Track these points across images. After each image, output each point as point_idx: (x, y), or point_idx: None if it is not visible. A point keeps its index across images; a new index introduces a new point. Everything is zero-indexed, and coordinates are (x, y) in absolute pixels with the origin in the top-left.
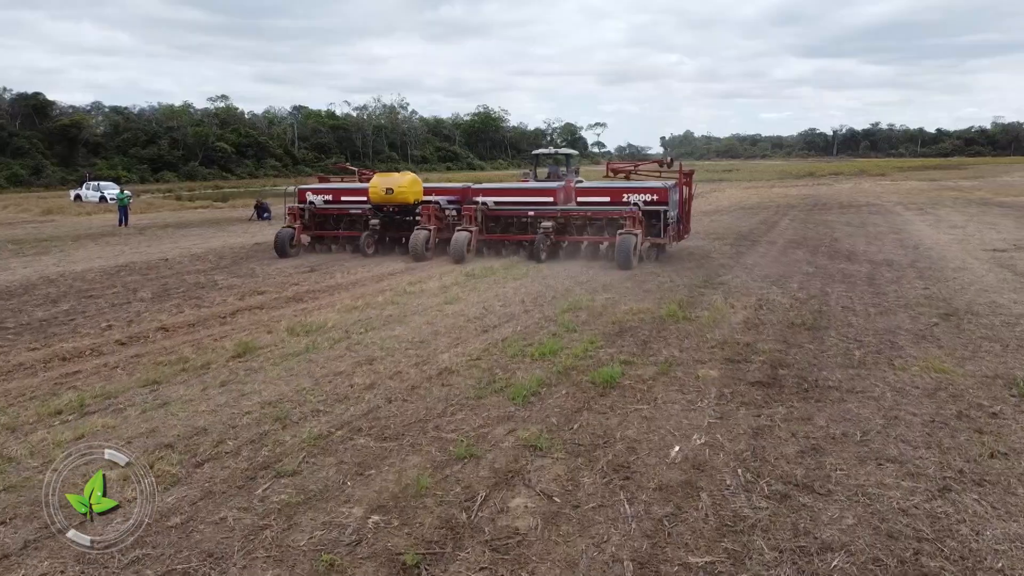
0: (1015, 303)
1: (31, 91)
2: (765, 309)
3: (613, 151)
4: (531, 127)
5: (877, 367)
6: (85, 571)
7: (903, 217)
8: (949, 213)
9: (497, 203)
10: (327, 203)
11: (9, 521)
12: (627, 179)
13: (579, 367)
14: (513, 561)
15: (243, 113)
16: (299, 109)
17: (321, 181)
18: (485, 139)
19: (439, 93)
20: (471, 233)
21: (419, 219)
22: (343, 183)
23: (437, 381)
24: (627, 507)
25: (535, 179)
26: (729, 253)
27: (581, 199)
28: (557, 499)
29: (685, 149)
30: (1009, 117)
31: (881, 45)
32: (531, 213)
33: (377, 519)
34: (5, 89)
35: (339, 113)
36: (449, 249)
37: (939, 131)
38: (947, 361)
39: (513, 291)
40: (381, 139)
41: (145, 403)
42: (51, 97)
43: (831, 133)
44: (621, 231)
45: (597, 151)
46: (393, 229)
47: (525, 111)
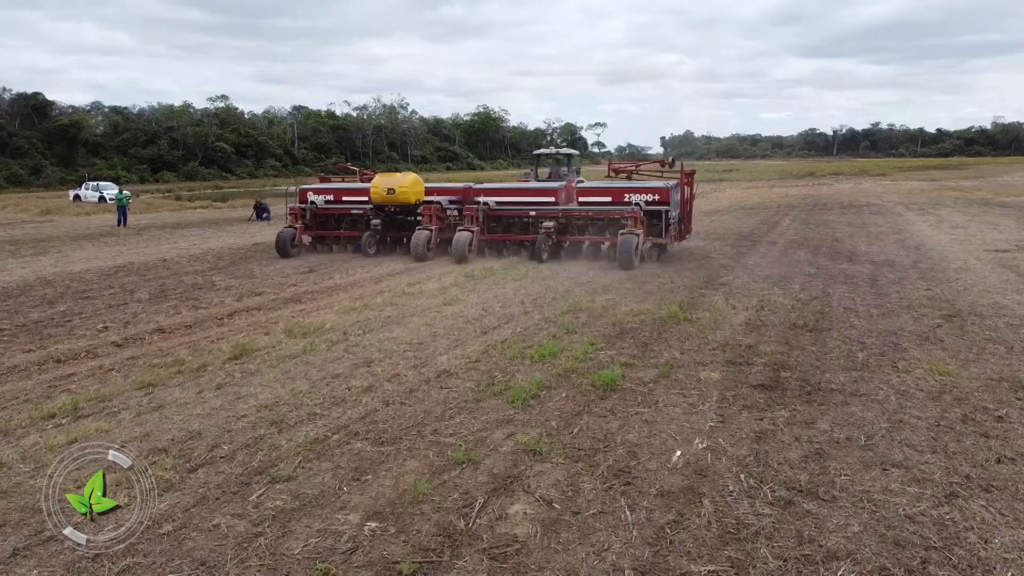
0: (1018, 304)
1: (31, 91)
2: (767, 310)
3: (613, 151)
4: (531, 127)
5: (880, 369)
6: None
7: (904, 217)
8: (950, 213)
9: (499, 203)
10: (328, 203)
11: None
12: (628, 179)
13: (579, 369)
14: (512, 570)
15: (243, 113)
16: (299, 109)
17: (322, 181)
18: (485, 139)
19: (439, 93)
20: (473, 233)
21: (421, 219)
22: (344, 183)
23: (435, 384)
24: (628, 514)
25: (536, 179)
26: (730, 254)
27: (583, 199)
28: (557, 505)
29: (685, 149)
30: (1009, 117)
31: (881, 45)
32: (533, 213)
33: (373, 526)
34: (5, 89)
35: (339, 113)
36: (451, 249)
37: (939, 131)
38: (951, 363)
39: (513, 292)
40: (381, 139)
41: (139, 406)
42: (51, 97)
43: (831, 133)
44: (623, 231)
45: (597, 151)
46: (395, 229)
47: (525, 111)
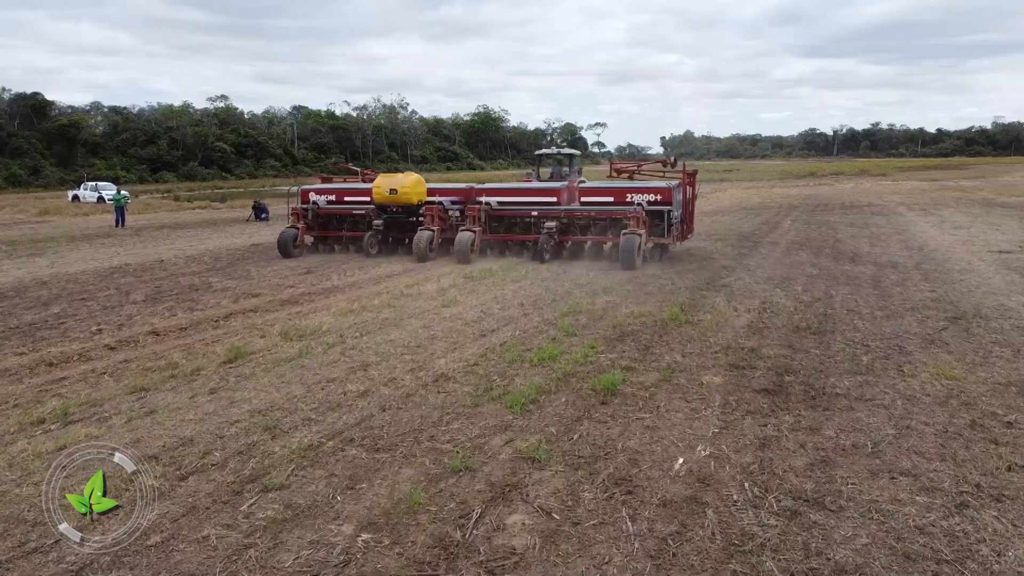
0: None
1: (30, 91)
2: (769, 312)
3: (613, 151)
4: (531, 127)
5: (886, 373)
6: None
7: (906, 218)
8: (952, 214)
9: (501, 203)
10: (330, 203)
11: None
12: (630, 179)
13: (579, 373)
14: None
15: (242, 113)
16: (299, 109)
17: (324, 181)
18: (485, 139)
19: (439, 93)
20: (475, 233)
21: (423, 220)
22: (346, 183)
23: (433, 388)
24: (629, 524)
25: (538, 179)
26: (731, 254)
27: (585, 199)
28: (556, 515)
29: (685, 149)
30: (1009, 117)
31: (881, 45)
32: (535, 213)
33: (367, 537)
34: (4, 89)
35: (339, 113)
36: (453, 249)
37: (939, 131)
38: (957, 367)
39: (512, 294)
40: (381, 139)
41: (131, 411)
42: (50, 97)
43: (831, 133)
44: (625, 231)
45: (597, 151)
46: (397, 230)
47: (525, 111)
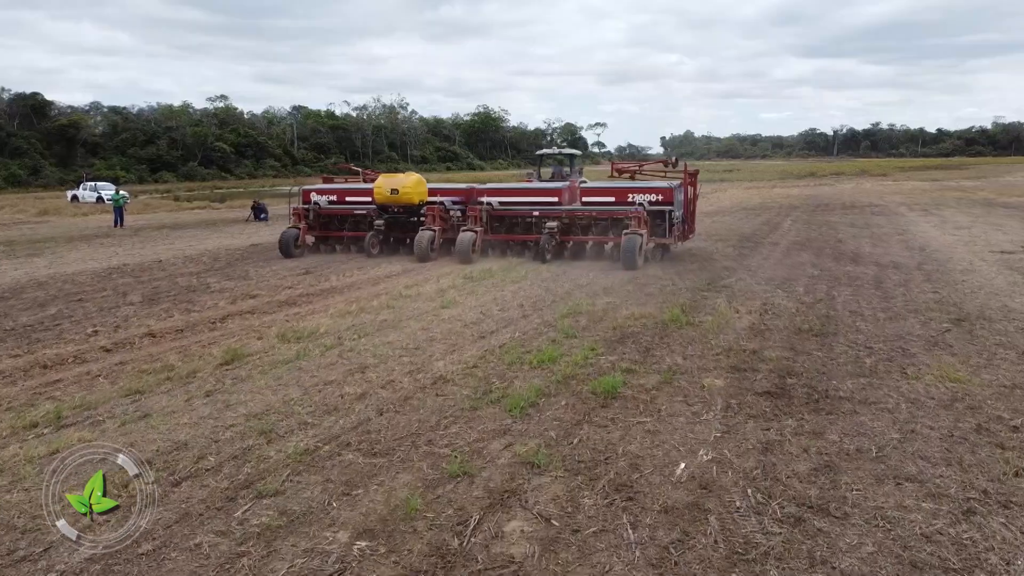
0: None
1: (30, 91)
2: (771, 314)
3: (613, 151)
4: (531, 127)
5: (889, 376)
6: None
7: (907, 218)
8: (953, 214)
9: (502, 203)
10: (332, 203)
11: None
12: (632, 179)
13: (579, 376)
14: None
15: (242, 113)
16: (298, 109)
17: (325, 181)
18: (485, 139)
19: (439, 93)
20: (476, 233)
21: (424, 220)
22: (347, 183)
23: (431, 391)
24: (630, 532)
25: (539, 179)
26: (732, 255)
27: (586, 199)
28: (556, 523)
29: (685, 149)
30: (1010, 117)
31: (881, 45)
32: (536, 213)
33: (363, 545)
34: (3, 89)
35: (339, 113)
36: (454, 249)
37: (940, 131)
38: (962, 369)
39: (512, 295)
40: (381, 139)
41: (125, 415)
42: (50, 97)
43: (831, 133)
44: (626, 231)
45: (597, 151)
46: (398, 230)
47: (525, 111)
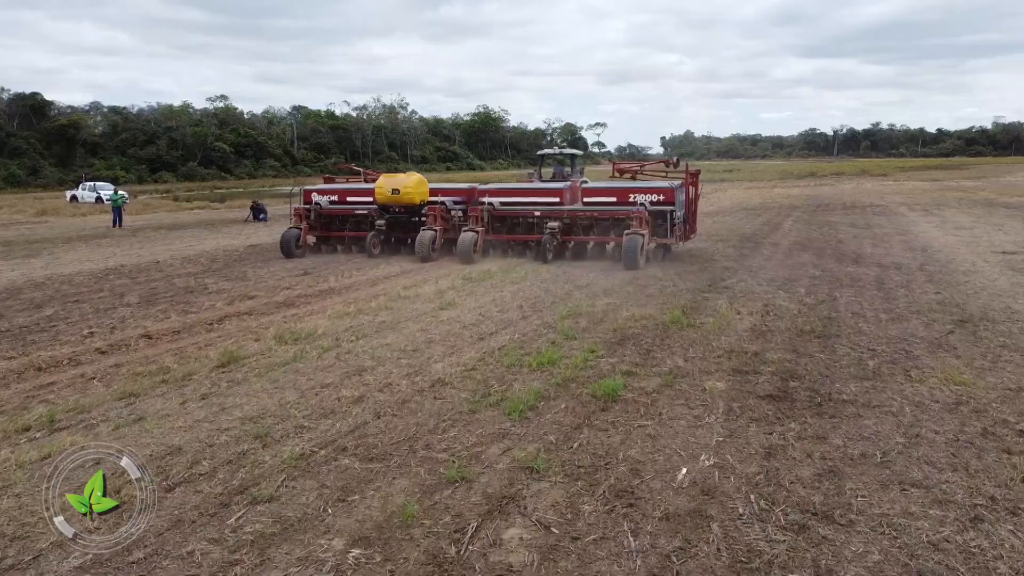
0: None
1: (30, 91)
2: (772, 315)
3: (613, 151)
4: (531, 127)
5: (893, 378)
6: None
7: (908, 218)
8: (954, 214)
9: (503, 203)
10: (333, 204)
11: None
12: (633, 179)
13: (579, 378)
14: None
15: (242, 113)
16: (298, 109)
17: (326, 182)
18: (485, 139)
19: (439, 93)
20: (477, 234)
21: (425, 220)
22: (349, 183)
23: (429, 394)
24: (631, 540)
25: (540, 179)
26: (733, 255)
27: (587, 199)
28: (555, 530)
29: (685, 149)
30: (1010, 117)
31: (881, 45)
32: (537, 213)
33: (358, 553)
34: (3, 89)
35: (339, 113)
36: (455, 250)
37: (940, 131)
38: (966, 372)
39: (511, 296)
40: (381, 139)
41: (119, 418)
42: (50, 97)
43: (831, 133)
44: (628, 231)
45: (597, 151)
46: (399, 230)
47: (525, 111)
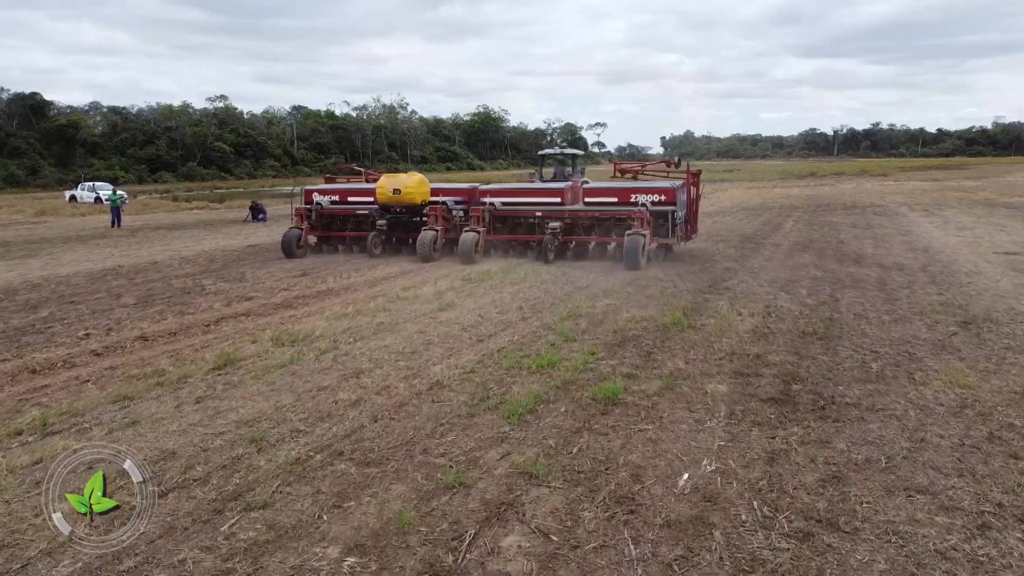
0: None
1: (29, 91)
2: (774, 317)
3: (613, 151)
4: (531, 127)
5: (896, 381)
6: None
7: (909, 218)
8: (955, 214)
9: (504, 203)
10: (334, 204)
11: None
12: (634, 179)
13: (579, 381)
14: None
15: (242, 113)
16: (298, 109)
17: (327, 181)
18: (485, 139)
19: (439, 93)
20: (479, 234)
21: (427, 220)
22: (350, 183)
23: (427, 397)
24: (632, 548)
25: (541, 179)
26: (733, 256)
27: (589, 199)
28: (554, 537)
29: (685, 149)
30: (1010, 117)
31: (881, 45)
32: (539, 214)
33: (353, 562)
34: (2, 89)
35: (338, 113)
36: (457, 250)
37: (940, 131)
38: (971, 375)
39: (511, 297)
40: (380, 139)
41: (113, 422)
42: (50, 97)
43: (832, 133)
44: (629, 231)
45: (597, 151)
46: (401, 230)
47: (525, 111)
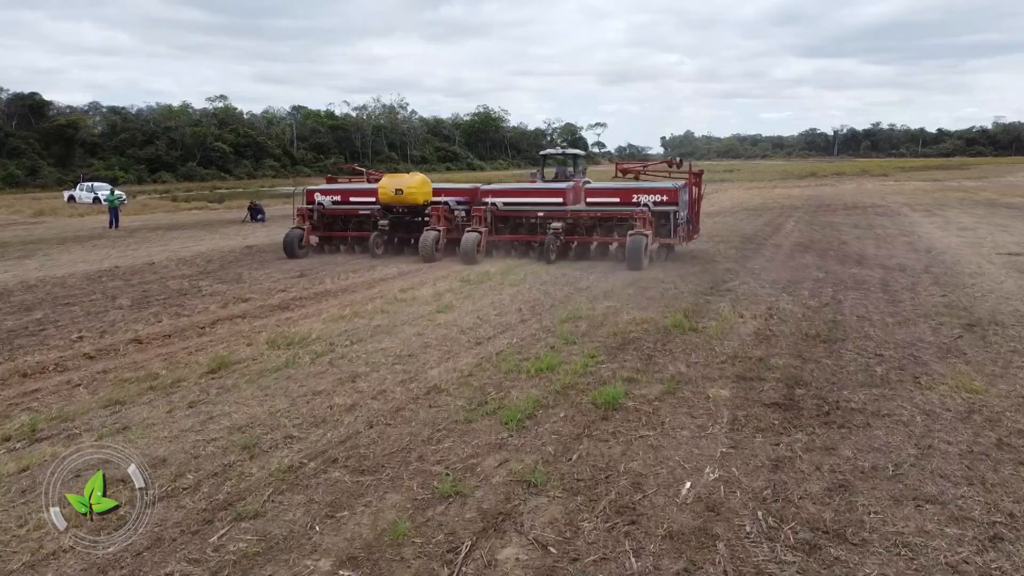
0: None
1: (29, 91)
2: (776, 319)
3: (613, 151)
4: (531, 127)
5: (902, 385)
6: None
7: (910, 219)
8: (957, 215)
9: (506, 204)
10: (336, 204)
11: None
12: (636, 179)
13: (578, 385)
14: None
15: (242, 113)
16: (298, 109)
17: (329, 182)
18: (485, 139)
19: (439, 93)
20: (481, 234)
21: (428, 220)
22: (352, 183)
23: (424, 402)
24: (633, 561)
25: (543, 180)
26: (734, 257)
27: (591, 200)
28: (553, 549)
29: (685, 149)
30: (1010, 117)
31: (881, 45)
32: (540, 214)
33: (345, 575)
34: (2, 89)
35: (338, 113)
36: (459, 250)
37: (940, 131)
38: (977, 379)
39: (510, 298)
40: (380, 139)
41: (103, 427)
42: (49, 97)
43: (832, 133)
44: (631, 232)
45: (597, 151)
46: (402, 230)
47: (525, 111)
